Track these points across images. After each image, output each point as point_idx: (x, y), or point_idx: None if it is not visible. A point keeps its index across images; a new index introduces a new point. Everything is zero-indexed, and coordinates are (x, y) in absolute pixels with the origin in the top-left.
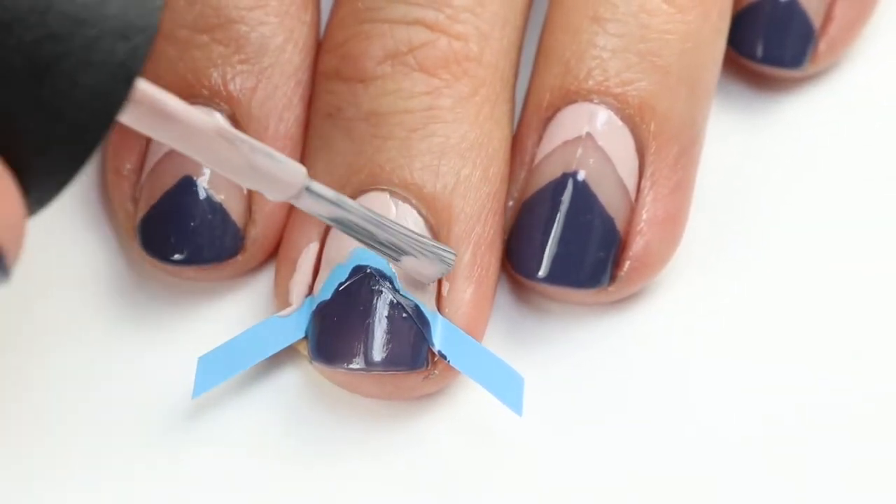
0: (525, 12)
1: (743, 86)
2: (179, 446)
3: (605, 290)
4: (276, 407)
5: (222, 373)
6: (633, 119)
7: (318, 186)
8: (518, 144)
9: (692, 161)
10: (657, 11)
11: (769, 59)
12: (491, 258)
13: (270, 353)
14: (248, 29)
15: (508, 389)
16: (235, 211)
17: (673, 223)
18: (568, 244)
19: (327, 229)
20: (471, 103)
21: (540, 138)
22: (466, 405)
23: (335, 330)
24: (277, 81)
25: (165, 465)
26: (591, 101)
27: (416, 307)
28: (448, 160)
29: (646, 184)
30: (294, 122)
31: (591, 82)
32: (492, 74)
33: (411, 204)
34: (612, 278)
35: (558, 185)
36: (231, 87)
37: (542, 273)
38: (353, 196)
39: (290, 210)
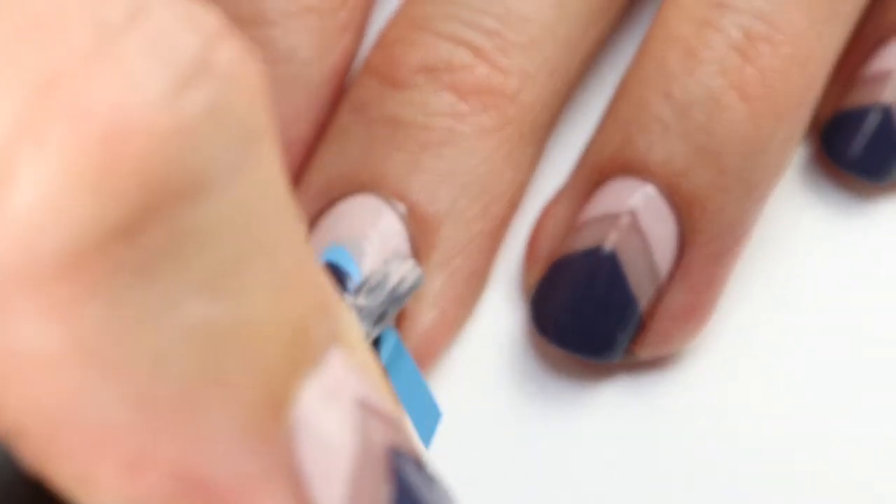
0: (582, 67)
1: None
2: None
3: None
4: None
5: None
6: (680, 208)
7: None
8: (571, 194)
9: (732, 259)
10: (730, 107)
11: (860, 169)
12: (464, 291)
13: None
14: (281, 35)
15: (425, 420)
16: None
17: (697, 317)
18: (585, 316)
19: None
20: (490, 138)
21: (587, 198)
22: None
23: None
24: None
25: None
26: (641, 178)
27: None
28: (448, 187)
29: (679, 273)
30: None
31: (646, 160)
32: (523, 116)
33: (401, 217)
34: (627, 353)
35: (589, 255)
36: None
37: (552, 338)
38: (348, 193)
39: None
